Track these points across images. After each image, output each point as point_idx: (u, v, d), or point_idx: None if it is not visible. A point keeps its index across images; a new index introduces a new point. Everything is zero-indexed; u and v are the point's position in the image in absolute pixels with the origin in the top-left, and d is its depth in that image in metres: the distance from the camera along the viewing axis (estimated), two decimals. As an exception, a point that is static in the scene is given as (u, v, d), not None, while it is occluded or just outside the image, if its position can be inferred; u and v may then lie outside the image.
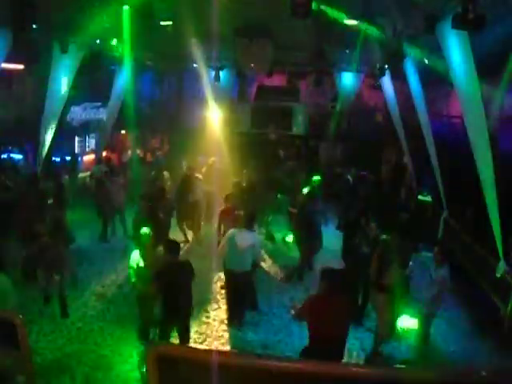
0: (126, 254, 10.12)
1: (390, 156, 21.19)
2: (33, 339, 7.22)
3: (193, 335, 8.83)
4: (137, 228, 10.03)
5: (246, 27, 14.51)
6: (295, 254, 12.63)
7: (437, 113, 19.34)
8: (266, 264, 12.71)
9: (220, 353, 4.38)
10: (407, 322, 9.40)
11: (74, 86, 14.78)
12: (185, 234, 14.15)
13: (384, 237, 9.15)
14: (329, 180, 17.09)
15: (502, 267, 9.55)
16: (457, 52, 9.70)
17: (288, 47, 17.42)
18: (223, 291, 10.59)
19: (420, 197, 16.04)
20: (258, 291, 10.24)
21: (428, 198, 15.69)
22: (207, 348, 8.47)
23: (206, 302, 10.47)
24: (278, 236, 14.83)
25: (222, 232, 10.91)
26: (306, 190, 13.21)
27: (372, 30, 13.66)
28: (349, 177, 17.49)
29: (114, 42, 16.09)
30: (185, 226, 14.17)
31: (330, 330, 6.41)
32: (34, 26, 10.99)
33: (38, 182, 13.53)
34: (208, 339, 9.05)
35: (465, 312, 10.56)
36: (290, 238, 13.86)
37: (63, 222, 10.84)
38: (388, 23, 13.45)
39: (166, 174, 15.84)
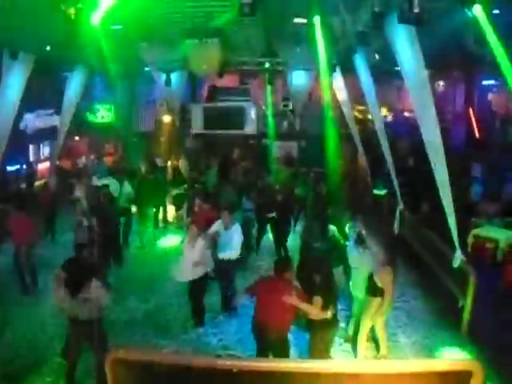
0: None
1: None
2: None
3: (152, 338, 8.93)
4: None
5: (195, 28, 14.39)
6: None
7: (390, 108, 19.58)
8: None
9: (179, 354, 4.31)
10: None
11: (27, 92, 14.41)
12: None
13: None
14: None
15: (458, 257, 9.66)
16: (405, 47, 9.81)
17: (238, 47, 17.39)
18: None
19: (375, 191, 16.25)
20: (216, 292, 10.37)
21: (382, 192, 15.91)
22: (166, 351, 8.45)
23: (164, 305, 10.49)
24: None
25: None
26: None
27: (322, 28, 13.69)
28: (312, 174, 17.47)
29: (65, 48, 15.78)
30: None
31: None
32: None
33: None
34: (168, 342, 8.98)
35: (424, 303, 10.70)
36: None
37: None
38: (337, 20, 13.54)
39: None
